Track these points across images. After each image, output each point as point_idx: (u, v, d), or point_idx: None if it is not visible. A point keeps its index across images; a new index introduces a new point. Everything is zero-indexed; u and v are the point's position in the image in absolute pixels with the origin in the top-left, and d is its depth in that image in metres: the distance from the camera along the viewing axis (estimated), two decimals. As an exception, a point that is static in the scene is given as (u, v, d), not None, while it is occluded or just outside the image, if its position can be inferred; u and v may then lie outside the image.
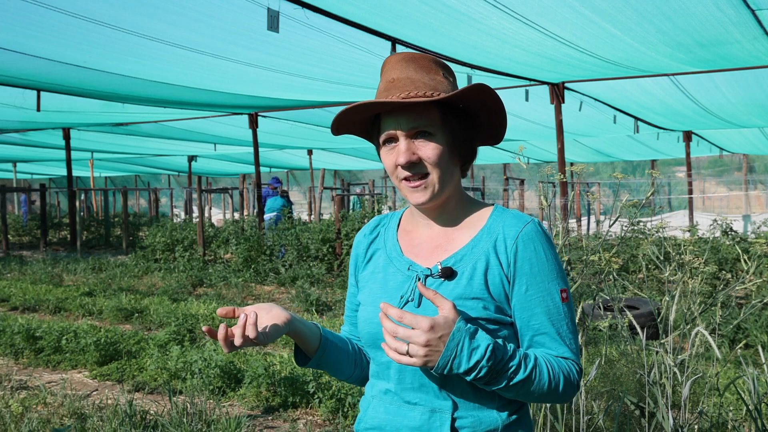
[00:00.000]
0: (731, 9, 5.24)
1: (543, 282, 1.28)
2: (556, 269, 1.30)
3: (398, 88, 1.28)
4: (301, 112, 11.90)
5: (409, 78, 1.29)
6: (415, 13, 5.49)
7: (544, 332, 1.29)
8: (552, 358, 1.28)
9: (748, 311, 2.99)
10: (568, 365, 1.29)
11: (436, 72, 1.32)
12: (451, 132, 1.31)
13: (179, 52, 6.78)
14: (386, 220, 1.50)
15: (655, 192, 13.90)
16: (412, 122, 1.28)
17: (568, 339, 1.30)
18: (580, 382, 1.31)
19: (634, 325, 3.21)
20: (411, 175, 1.29)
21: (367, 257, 1.46)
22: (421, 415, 1.28)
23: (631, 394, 3.32)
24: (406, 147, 1.28)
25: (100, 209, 23.16)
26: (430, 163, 1.28)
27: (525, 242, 1.28)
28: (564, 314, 1.30)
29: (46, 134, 14.97)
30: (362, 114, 1.34)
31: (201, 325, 6.47)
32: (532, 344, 1.31)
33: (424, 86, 1.28)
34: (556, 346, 1.29)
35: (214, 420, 3.82)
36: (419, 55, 1.34)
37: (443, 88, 1.30)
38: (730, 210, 26.97)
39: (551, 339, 1.29)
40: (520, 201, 15.92)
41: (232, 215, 19.01)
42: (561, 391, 1.26)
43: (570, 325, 1.31)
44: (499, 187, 22.36)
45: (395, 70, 1.32)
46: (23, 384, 4.92)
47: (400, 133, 1.29)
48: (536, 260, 1.29)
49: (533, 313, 1.29)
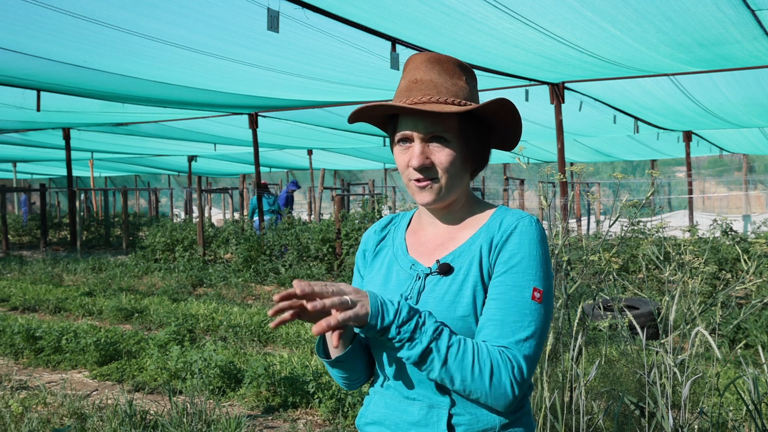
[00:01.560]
0: (731, 9, 5.24)
1: (518, 274, 1.26)
2: (537, 267, 1.26)
3: (420, 90, 1.30)
4: (301, 112, 11.90)
5: (432, 81, 1.31)
6: (415, 13, 5.49)
7: (494, 319, 1.23)
8: (487, 345, 1.22)
9: (748, 311, 2.99)
10: (504, 358, 1.20)
11: (459, 77, 1.33)
12: (466, 140, 1.32)
13: (179, 52, 6.78)
14: (398, 219, 1.53)
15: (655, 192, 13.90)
16: (430, 127, 1.29)
17: (521, 334, 1.22)
18: (517, 382, 1.20)
19: (634, 325, 3.21)
20: (422, 177, 1.31)
21: (375, 253, 1.49)
22: (419, 410, 1.29)
23: (631, 394, 3.32)
24: (420, 150, 1.30)
25: (100, 209, 23.17)
26: (441, 169, 1.30)
27: (514, 234, 1.28)
28: (529, 311, 1.23)
29: (46, 134, 14.98)
30: (382, 111, 1.37)
31: (199, 322, 6.48)
32: (479, 329, 1.25)
33: (446, 92, 1.30)
34: (501, 336, 1.22)
35: (214, 420, 3.82)
36: (444, 58, 1.34)
37: (464, 95, 1.31)
38: (730, 210, 26.97)
39: (498, 327, 1.22)
40: (520, 201, 15.91)
41: (232, 215, 19.01)
42: (487, 382, 1.18)
43: (532, 324, 1.23)
44: (499, 187, 22.36)
45: (419, 70, 1.33)
46: (23, 384, 4.92)
47: (416, 135, 1.30)
48: (518, 252, 1.27)
49: (494, 298, 1.25)
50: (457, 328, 1.25)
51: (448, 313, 1.27)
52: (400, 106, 1.28)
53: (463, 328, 1.26)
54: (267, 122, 12.95)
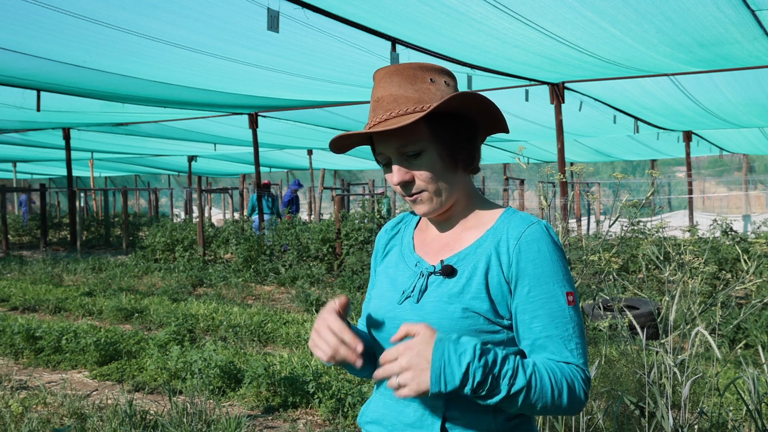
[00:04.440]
0: (731, 9, 5.24)
1: (547, 283, 1.24)
2: (562, 271, 1.26)
3: (382, 108, 1.28)
4: (301, 112, 11.90)
5: (392, 95, 1.27)
6: (415, 13, 5.49)
7: (546, 335, 1.23)
8: (554, 363, 1.21)
9: (748, 311, 2.99)
10: (572, 372, 1.21)
11: (422, 80, 1.29)
12: (443, 141, 1.29)
13: (179, 52, 6.78)
14: (408, 218, 1.52)
15: (655, 192, 13.90)
16: (400, 145, 1.27)
17: (572, 343, 1.23)
18: (587, 391, 1.22)
19: (634, 325, 3.21)
20: (409, 192, 1.31)
21: (385, 252, 1.49)
22: (415, 411, 1.28)
23: (631, 394, 3.32)
24: (397, 169, 1.29)
25: (100, 209, 23.15)
26: (423, 180, 1.28)
27: (528, 243, 1.26)
28: (569, 318, 1.24)
29: (46, 134, 14.98)
30: (354, 139, 1.35)
31: (200, 325, 6.49)
32: (533, 349, 1.25)
33: (406, 101, 1.26)
34: (560, 351, 1.23)
35: (214, 420, 3.82)
36: (404, 66, 1.31)
37: (430, 97, 1.28)
38: (730, 210, 26.98)
39: (553, 343, 1.23)
40: (520, 201, 15.91)
41: (232, 215, 19.01)
42: (566, 400, 1.19)
43: (576, 329, 1.24)
44: (499, 187, 22.36)
45: (379, 87, 1.31)
46: (23, 384, 4.92)
47: (390, 154, 1.29)
48: (540, 261, 1.25)
49: (535, 315, 1.24)
50: (455, 330, 1.24)
51: (447, 315, 1.26)
52: (359, 134, 1.27)
53: (461, 330, 1.25)
54: (267, 122, 12.95)
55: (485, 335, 1.26)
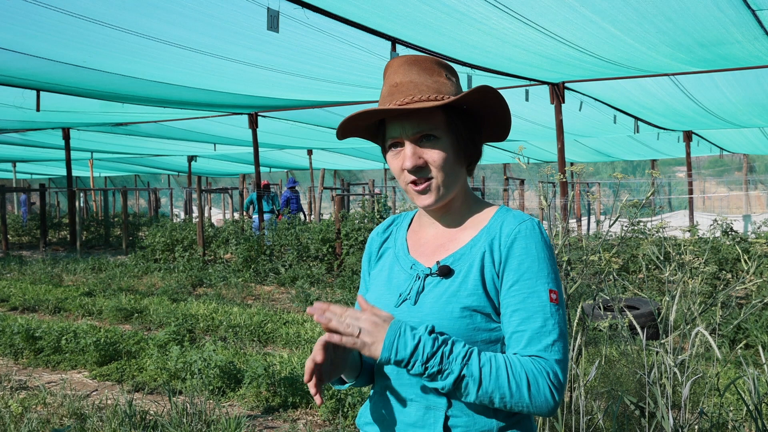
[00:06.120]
0: (731, 9, 5.24)
1: (530, 279, 1.25)
2: (547, 269, 1.26)
3: (402, 93, 1.29)
4: (301, 112, 11.90)
5: (412, 82, 1.30)
6: (415, 13, 5.49)
7: (522, 329, 1.23)
8: (519, 357, 1.21)
9: (748, 311, 2.98)
10: (540, 366, 1.20)
11: (439, 74, 1.33)
12: (456, 134, 1.32)
13: (179, 52, 6.78)
14: (399, 219, 1.53)
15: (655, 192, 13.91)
16: (417, 127, 1.29)
17: (549, 339, 1.22)
18: (557, 387, 1.20)
19: (634, 325, 3.21)
20: (417, 178, 1.31)
21: (379, 255, 1.49)
22: (416, 411, 1.29)
23: (631, 394, 3.32)
24: (411, 152, 1.29)
25: (100, 209, 23.16)
26: (435, 167, 1.30)
27: (518, 239, 1.27)
28: (550, 314, 1.23)
29: (45, 134, 14.98)
30: (367, 120, 1.35)
31: (200, 324, 6.48)
32: (509, 343, 1.25)
33: (428, 89, 1.29)
34: (533, 346, 1.22)
35: (214, 420, 3.82)
36: (422, 57, 1.34)
37: (447, 90, 1.31)
38: (731, 210, 26.97)
39: (527, 338, 1.22)
40: (520, 201, 15.91)
41: (231, 215, 19.01)
42: (527, 395, 1.18)
43: (555, 326, 1.23)
44: (499, 187, 22.36)
45: (398, 73, 1.32)
46: (23, 384, 4.91)
47: (405, 137, 1.30)
48: (526, 257, 1.26)
49: (515, 309, 1.24)
50: (454, 329, 1.25)
51: (446, 314, 1.26)
52: (382, 110, 1.27)
53: (460, 329, 1.25)
54: (267, 122, 12.94)
55: (484, 333, 1.27)
